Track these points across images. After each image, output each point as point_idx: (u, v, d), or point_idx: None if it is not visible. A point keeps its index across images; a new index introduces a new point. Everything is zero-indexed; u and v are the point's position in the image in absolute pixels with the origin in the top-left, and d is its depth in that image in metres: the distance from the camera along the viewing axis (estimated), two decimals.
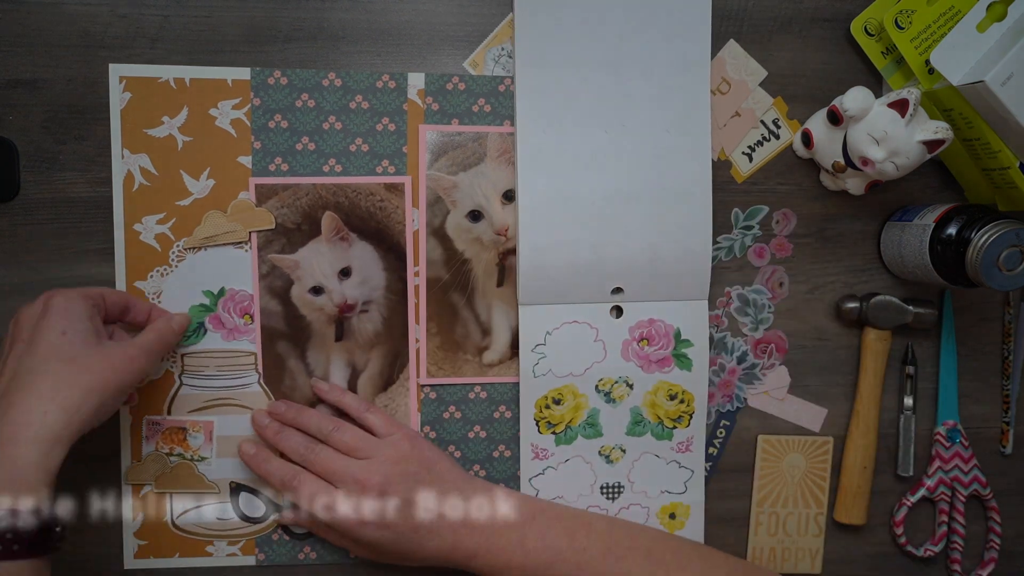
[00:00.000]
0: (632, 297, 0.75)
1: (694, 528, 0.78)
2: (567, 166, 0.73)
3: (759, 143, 0.76)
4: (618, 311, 0.75)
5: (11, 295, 0.71)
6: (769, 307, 0.78)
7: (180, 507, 0.74)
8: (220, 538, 0.74)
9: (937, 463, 0.79)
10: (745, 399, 0.79)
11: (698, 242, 0.74)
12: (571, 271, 0.73)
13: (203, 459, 0.73)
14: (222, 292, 0.72)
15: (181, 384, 0.73)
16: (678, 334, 0.76)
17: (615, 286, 0.74)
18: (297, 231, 0.72)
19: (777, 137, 0.76)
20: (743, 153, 0.76)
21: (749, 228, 0.77)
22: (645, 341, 0.75)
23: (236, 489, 0.74)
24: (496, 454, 0.76)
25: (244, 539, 0.74)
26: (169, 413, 0.73)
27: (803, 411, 0.79)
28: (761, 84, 0.76)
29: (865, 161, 0.68)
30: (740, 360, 0.78)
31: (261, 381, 0.73)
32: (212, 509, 0.74)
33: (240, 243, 0.72)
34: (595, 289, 0.74)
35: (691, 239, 0.74)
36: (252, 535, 0.74)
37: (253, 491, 0.74)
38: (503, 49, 0.73)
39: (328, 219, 0.72)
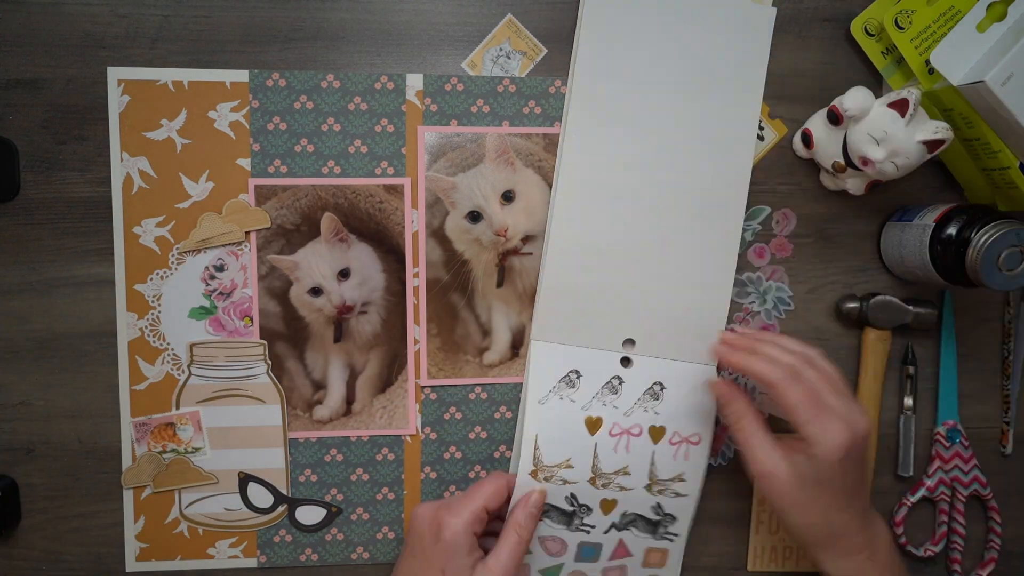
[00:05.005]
0: (643, 351, 0.75)
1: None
2: (601, 210, 0.73)
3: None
4: (626, 361, 0.75)
5: (11, 295, 0.72)
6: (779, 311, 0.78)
7: (186, 500, 0.74)
8: (227, 530, 0.74)
9: (937, 463, 0.79)
10: (731, 458, 0.79)
11: (715, 304, 0.75)
12: (587, 314, 0.74)
13: (197, 450, 0.73)
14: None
15: (190, 375, 0.73)
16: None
17: (627, 337, 0.75)
18: (296, 232, 0.72)
19: (762, 139, 0.76)
20: None
21: (748, 227, 0.77)
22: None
23: (244, 480, 0.74)
24: (497, 455, 0.76)
25: (247, 533, 0.75)
26: (178, 407, 0.73)
27: None
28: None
29: (865, 161, 0.68)
30: None
31: (270, 372, 0.74)
32: (219, 500, 0.74)
33: (237, 244, 0.72)
34: (608, 336, 0.74)
35: (709, 300, 0.75)
36: (260, 526, 0.75)
37: (261, 481, 0.74)
38: (501, 50, 0.73)
39: (327, 220, 0.72)
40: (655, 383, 0.75)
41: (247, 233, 0.72)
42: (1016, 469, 0.81)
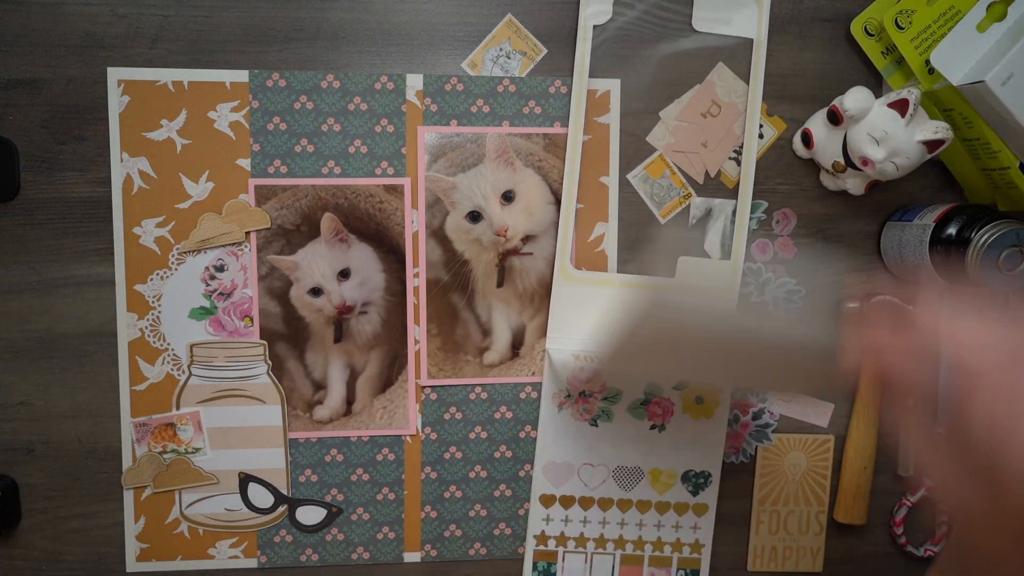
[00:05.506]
0: None
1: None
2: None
3: (743, 145, 0.76)
4: None
5: (11, 295, 0.72)
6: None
7: (186, 500, 0.74)
8: (227, 530, 0.74)
9: None
10: (752, 455, 0.79)
11: (723, 288, 0.76)
12: (600, 306, 0.74)
13: (197, 450, 0.73)
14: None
15: (190, 375, 0.73)
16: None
17: None
18: (296, 232, 0.72)
19: (761, 136, 0.76)
20: (729, 159, 0.76)
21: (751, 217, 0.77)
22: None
23: (245, 480, 0.74)
24: (497, 455, 0.76)
25: (248, 533, 0.75)
26: (178, 407, 0.73)
27: (810, 408, 0.79)
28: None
29: (865, 161, 0.68)
30: (755, 416, 0.78)
31: (270, 372, 0.74)
32: (220, 500, 0.74)
33: (237, 244, 0.72)
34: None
35: (718, 283, 0.76)
36: (261, 526, 0.75)
37: (261, 482, 0.74)
38: (501, 50, 0.73)
39: (327, 220, 0.72)
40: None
41: (247, 233, 0.72)
42: None
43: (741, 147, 0.75)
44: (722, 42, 0.74)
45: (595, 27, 0.73)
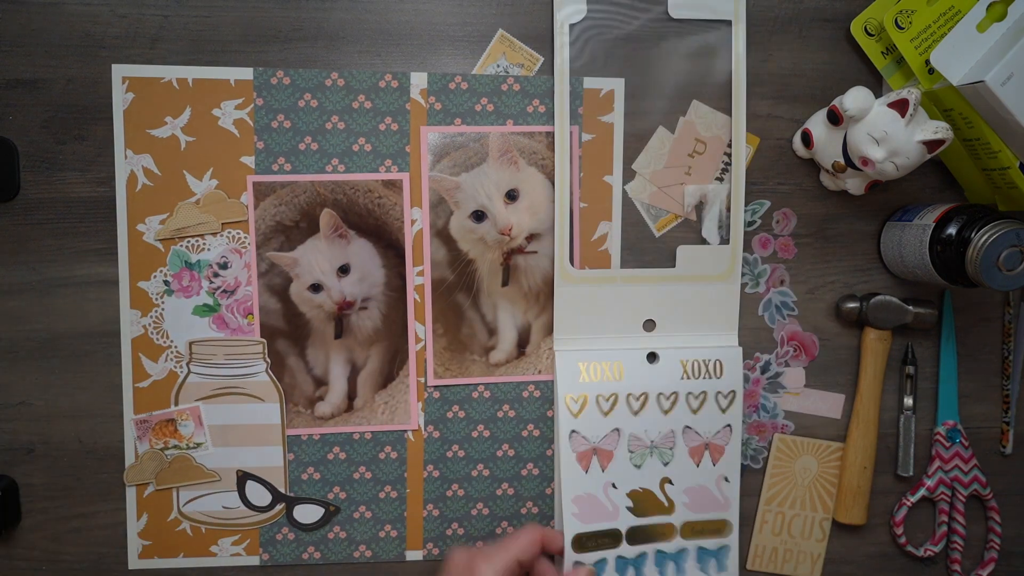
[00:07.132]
0: (664, 330, 0.76)
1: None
2: None
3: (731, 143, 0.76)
4: (653, 356, 0.76)
5: (11, 295, 0.71)
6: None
7: (185, 497, 0.74)
8: (226, 528, 0.74)
9: (937, 463, 0.79)
10: (775, 406, 0.79)
11: (725, 273, 0.76)
12: (604, 302, 0.75)
13: (198, 445, 0.73)
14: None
15: (189, 372, 0.73)
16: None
17: (647, 318, 0.75)
18: (295, 229, 0.72)
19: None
20: (716, 179, 0.76)
21: (747, 209, 0.77)
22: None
23: (243, 478, 0.74)
24: (500, 453, 0.76)
25: (250, 530, 0.74)
26: (177, 403, 0.73)
27: (821, 401, 0.79)
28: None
29: (865, 161, 0.69)
30: (763, 369, 0.79)
31: (268, 370, 0.73)
32: (218, 498, 0.74)
33: (213, 234, 0.72)
34: (627, 320, 0.75)
35: (718, 268, 0.76)
36: (259, 524, 0.75)
37: (259, 480, 0.74)
38: (499, 66, 0.73)
39: (326, 216, 0.72)
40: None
41: (221, 224, 0.72)
42: (1016, 469, 0.82)
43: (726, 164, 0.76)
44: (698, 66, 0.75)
45: (571, 25, 0.73)
